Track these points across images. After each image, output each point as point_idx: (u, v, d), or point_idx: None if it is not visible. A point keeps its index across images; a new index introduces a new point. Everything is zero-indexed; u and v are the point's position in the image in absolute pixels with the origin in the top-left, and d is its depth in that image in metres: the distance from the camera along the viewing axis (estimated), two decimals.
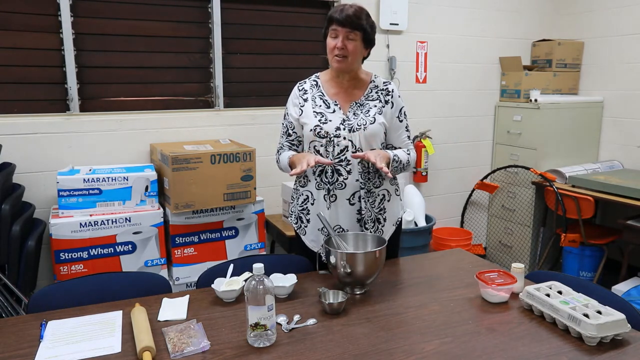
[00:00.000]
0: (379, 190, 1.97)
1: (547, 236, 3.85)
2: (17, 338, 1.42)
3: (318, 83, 2.00)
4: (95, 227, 2.48)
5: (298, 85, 2.03)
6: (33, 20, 2.73)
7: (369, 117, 1.92)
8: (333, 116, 1.92)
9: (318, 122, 1.91)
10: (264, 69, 3.33)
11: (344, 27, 1.84)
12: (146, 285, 1.79)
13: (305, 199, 1.99)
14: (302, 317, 1.54)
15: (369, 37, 1.90)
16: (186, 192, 2.59)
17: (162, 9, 3.01)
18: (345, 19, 1.82)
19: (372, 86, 1.98)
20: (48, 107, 2.82)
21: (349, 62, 1.88)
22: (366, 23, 1.87)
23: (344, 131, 1.89)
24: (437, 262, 2.05)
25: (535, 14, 4.11)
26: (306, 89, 2.00)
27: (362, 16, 1.85)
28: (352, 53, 1.87)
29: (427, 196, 3.89)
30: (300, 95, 1.99)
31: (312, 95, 1.98)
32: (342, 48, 1.85)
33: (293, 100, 2.01)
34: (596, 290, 1.67)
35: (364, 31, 1.86)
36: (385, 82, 2.00)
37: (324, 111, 1.94)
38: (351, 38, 1.85)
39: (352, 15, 1.83)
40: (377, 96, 1.96)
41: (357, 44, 1.87)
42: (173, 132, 3.05)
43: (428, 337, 1.43)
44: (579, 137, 3.92)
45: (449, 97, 3.92)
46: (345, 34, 1.84)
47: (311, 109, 1.95)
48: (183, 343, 1.37)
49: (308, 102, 1.97)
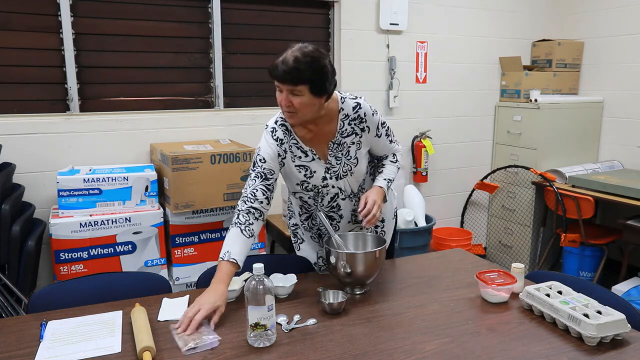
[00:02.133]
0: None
1: (547, 236, 3.85)
2: (17, 338, 1.42)
3: (288, 128, 1.76)
4: (95, 227, 2.48)
5: (271, 134, 1.76)
6: (33, 20, 2.73)
7: (350, 160, 1.78)
8: (315, 166, 1.78)
9: (303, 177, 1.79)
10: (264, 69, 3.27)
11: (284, 84, 1.60)
12: (146, 285, 1.79)
13: (295, 223, 2.01)
14: (302, 317, 1.54)
15: (320, 87, 1.61)
16: (186, 192, 2.58)
17: (162, 9, 3.01)
18: (283, 75, 1.57)
19: (342, 117, 1.75)
20: (48, 107, 2.82)
21: (300, 116, 1.66)
22: (312, 73, 1.57)
23: (332, 180, 1.80)
24: (437, 262, 2.04)
25: (535, 14, 4.11)
26: (281, 139, 1.76)
27: (305, 67, 1.56)
28: (301, 109, 1.62)
29: (427, 196, 3.89)
30: (278, 146, 1.75)
31: (288, 145, 1.76)
32: (288, 105, 1.63)
33: (269, 151, 1.74)
34: (596, 290, 1.67)
35: (311, 82, 1.58)
36: (355, 107, 1.76)
37: (305, 163, 1.77)
38: (296, 93, 1.60)
39: (292, 70, 1.55)
40: (352, 129, 1.76)
41: (304, 98, 1.60)
42: (173, 132, 3.05)
43: (428, 337, 1.43)
44: (579, 137, 3.92)
45: (449, 97, 3.92)
46: (288, 90, 1.60)
47: (292, 163, 1.77)
48: (193, 339, 1.38)
49: (287, 153, 1.77)
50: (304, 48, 1.60)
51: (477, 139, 4.12)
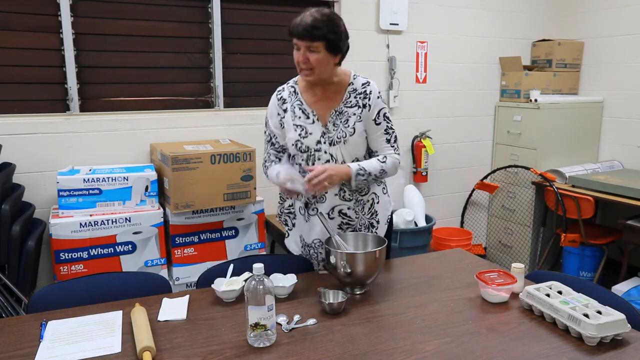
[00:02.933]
0: (367, 196, 1.94)
1: (547, 236, 3.85)
2: (17, 338, 1.42)
3: (296, 90, 1.90)
4: (95, 227, 2.48)
5: (276, 94, 1.93)
6: (33, 20, 2.73)
7: (348, 128, 1.84)
8: (313, 128, 1.85)
9: (298, 136, 1.85)
10: (264, 69, 3.33)
11: (303, 40, 1.72)
12: (146, 285, 1.79)
13: (291, 204, 2.00)
14: (302, 317, 1.54)
15: (335, 45, 1.75)
16: (186, 192, 2.59)
17: (162, 9, 3.01)
18: (302, 31, 1.70)
19: (350, 89, 1.87)
20: (48, 107, 2.82)
21: (316, 74, 1.77)
22: (328, 31, 1.71)
23: (325, 145, 1.84)
24: (437, 262, 2.05)
25: (535, 14, 4.11)
26: (285, 98, 1.90)
27: (322, 25, 1.70)
28: (317, 65, 1.75)
29: (427, 196, 3.89)
30: (279, 106, 1.90)
31: (291, 104, 1.88)
32: (305, 62, 1.75)
33: (272, 110, 1.92)
34: (596, 290, 1.67)
35: (327, 40, 1.72)
36: (365, 84, 1.88)
37: (303, 123, 1.85)
38: (313, 50, 1.72)
39: (310, 26, 1.69)
40: (356, 101, 1.86)
41: (320, 55, 1.73)
42: (173, 132, 3.05)
43: (428, 337, 1.43)
44: (579, 137, 3.92)
45: (449, 97, 3.92)
46: (306, 47, 1.73)
47: (291, 121, 1.87)
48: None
49: (288, 112, 1.88)
50: (320, 10, 1.74)
51: (477, 139, 4.12)
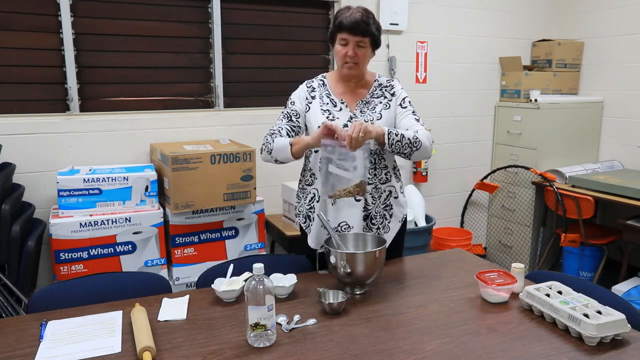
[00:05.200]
0: (385, 186, 1.97)
1: (547, 236, 3.85)
2: (17, 338, 1.42)
3: (325, 82, 2.01)
4: (95, 227, 2.48)
5: (306, 83, 2.03)
6: (33, 20, 2.73)
7: (375, 114, 1.94)
8: (340, 114, 1.94)
9: (325, 119, 1.91)
10: (264, 69, 3.33)
11: (355, 36, 1.83)
12: (146, 285, 1.79)
13: (312, 197, 2.00)
14: (302, 317, 1.54)
15: (378, 41, 1.91)
16: (186, 192, 2.59)
17: (162, 9, 3.01)
18: (355, 26, 1.82)
19: (376, 85, 2.00)
20: (48, 107, 2.82)
21: (360, 68, 1.90)
22: (374, 27, 1.86)
23: None
24: (437, 262, 2.04)
25: (535, 14, 4.11)
26: (314, 87, 2.00)
27: (370, 21, 1.84)
28: (363, 59, 1.89)
29: (427, 196, 3.89)
30: (308, 92, 2.00)
31: (320, 93, 1.98)
32: (354, 56, 1.86)
33: (300, 94, 2.00)
34: (596, 290, 1.67)
35: (373, 36, 1.86)
36: (389, 80, 2.03)
37: (331, 109, 1.95)
38: (361, 45, 1.86)
39: (361, 22, 1.82)
40: (382, 93, 1.99)
41: (367, 50, 1.88)
42: (173, 132, 3.05)
43: (428, 337, 1.43)
44: (579, 137, 3.92)
45: (449, 97, 3.92)
46: (355, 42, 1.84)
47: (318, 107, 1.95)
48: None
49: (316, 99, 1.97)
50: (361, 9, 1.85)
51: (477, 139, 4.12)
